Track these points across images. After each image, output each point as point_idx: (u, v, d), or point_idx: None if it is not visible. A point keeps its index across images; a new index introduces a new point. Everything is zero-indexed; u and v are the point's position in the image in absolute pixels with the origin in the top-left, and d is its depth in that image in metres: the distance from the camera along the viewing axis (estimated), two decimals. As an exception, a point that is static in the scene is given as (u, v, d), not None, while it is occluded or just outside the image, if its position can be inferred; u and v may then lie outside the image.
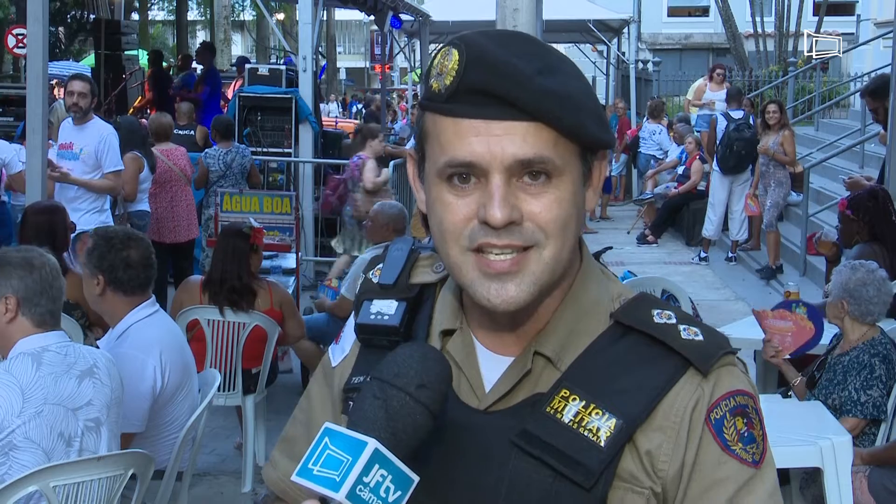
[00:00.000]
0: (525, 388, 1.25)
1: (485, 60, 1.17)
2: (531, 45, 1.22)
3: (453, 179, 1.21)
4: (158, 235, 8.11)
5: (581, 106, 1.20)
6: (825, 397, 4.35)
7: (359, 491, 1.08)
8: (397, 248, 1.41)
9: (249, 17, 39.40)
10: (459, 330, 1.31)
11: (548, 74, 1.18)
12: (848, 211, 5.54)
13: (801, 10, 21.60)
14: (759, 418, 1.25)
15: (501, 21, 4.43)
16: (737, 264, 11.58)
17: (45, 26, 6.19)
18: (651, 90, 18.46)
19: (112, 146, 7.05)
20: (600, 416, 1.20)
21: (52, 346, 3.09)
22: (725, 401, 1.22)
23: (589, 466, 1.19)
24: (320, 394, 1.44)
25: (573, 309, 1.27)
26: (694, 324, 1.26)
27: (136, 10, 27.68)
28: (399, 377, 1.15)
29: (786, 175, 10.62)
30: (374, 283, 1.39)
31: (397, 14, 16.48)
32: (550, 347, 1.25)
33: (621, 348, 1.24)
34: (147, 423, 3.75)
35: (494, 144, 1.17)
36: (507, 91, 1.16)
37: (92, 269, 3.79)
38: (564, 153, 1.20)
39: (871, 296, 4.40)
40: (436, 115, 1.22)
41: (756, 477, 1.22)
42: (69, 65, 23.45)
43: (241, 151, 9.06)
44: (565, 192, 1.21)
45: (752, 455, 1.22)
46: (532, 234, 1.20)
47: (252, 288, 5.41)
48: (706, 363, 1.22)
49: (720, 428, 1.21)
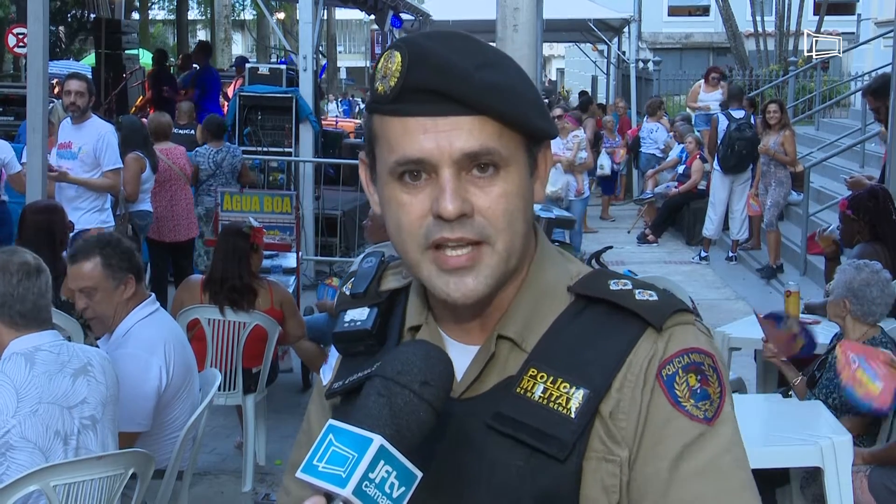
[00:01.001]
0: (495, 374, 1.28)
1: (426, 60, 1.21)
2: (469, 42, 1.25)
3: (405, 177, 1.24)
4: (159, 234, 8.12)
5: (522, 97, 1.24)
6: (825, 397, 4.35)
7: (364, 487, 1.09)
8: (367, 261, 1.47)
9: (250, 17, 39.39)
10: (425, 325, 1.34)
11: (488, 69, 1.22)
12: (849, 211, 5.54)
13: (801, 9, 21.58)
14: (718, 377, 1.25)
15: (502, 20, 4.43)
16: (737, 264, 11.58)
17: (45, 25, 6.20)
18: (651, 89, 18.45)
19: (110, 144, 7.03)
20: (568, 389, 1.23)
21: (44, 346, 3.09)
22: (679, 357, 1.24)
23: (562, 439, 1.21)
24: (318, 415, 1.48)
25: (532, 291, 1.31)
26: (650, 288, 1.29)
27: (136, 9, 27.68)
28: (403, 374, 1.16)
29: (786, 174, 10.61)
30: (347, 295, 1.44)
31: (398, 13, 16.49)
32: (513, 329, 1.28)
33: (583, 321, 1.28)
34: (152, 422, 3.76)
35: (442, 139, 1.21)
36: (449, 88, 1.20)
37: (120, 274, 3.75)
38: (510, 144, 1.24)
39: (875, 296, 4.40)
40: (383, 117, 1.25)
41: (708, 433, 1.22)
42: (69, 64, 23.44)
43: (231, 151, 9.06)
44: (512, 184, 1.24)
45: (703, 412, 1.22)
46: (483, 228, 1.23)
47: (253, 287, 5.41)
48: (660, 319, 1.24)
49: (671, 384, 1.22)
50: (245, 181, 9.24)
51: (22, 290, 3.07)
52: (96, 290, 3.73)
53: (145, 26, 28.52)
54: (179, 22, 26.84)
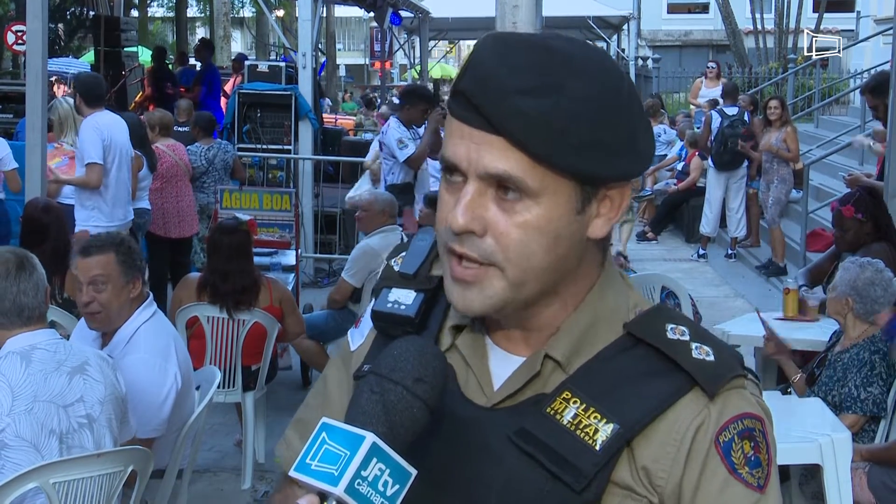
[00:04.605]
0: (531, 389, 1.25)
1: (477, 67, 1.17)
2: (538, 58, 1.17)
3: (447, 174, 1.23)
4: (165, 230, 8.08)
5: (564, 133, 1.15)
6: (825, 394, 4.35)
7: (357, 485, 1.08)
8: (421, 239, 1.41)
9: (249, 14, 39.39)
10: (470, 326, 1.30)
11: (535, 94, 1.14)
12: (859, 214, 5.50)
13: (800, 6, 21.56)
14: (767, 442, 1.24)
15: (501, 18, 4.42)
16: (736, 261, 11.58)
17: (44, 23, 6.19)
18: (651, 87, 18.46)
19: (84, 139, 6.86)
20: (598, 420, 1.19)
21: (41, 344, 3.09)
22: (734, 423, 1.21)
23: (581, 469, 1.18)
24: (337, 377, 1.43)
25: (587, 315, 1.26)
26: (707, 342, 1.24)
27: (135, 6, 27.68)
28: (396, 371, 1.15)
29: (789, 171, 10.61)
30: (395, 272, 1.38)
31: (397, 11, 16.48)
32: (560, 351, 1.25)
33: (629, 358, 1.23)
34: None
35: (473, 151, 1.18)
36: (480, 103, 1.16)
37: (131, 272, 3.75)
38: (545, 178, 1.17)
39: (878, 295, 4.40)
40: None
41: (761, 502, 1.21)
42: (69, 61, 23.41)
43: (223, 147, 9.05)
44: (538, 217, 1.18)
45: (757, 479, 1.21)
46: (490, 252, 1.19)
47: (258, 283, 5.41)
48: (714, 385, 1.20)
49: (728, 451, 1.20)
50: (237, 176, 9.24)
51: (2, 291, 3.07)
52: (107, 282, 3.71)
53: (144, 24, 28.52)
54: (178, 19, 26.82)
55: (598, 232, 1.23)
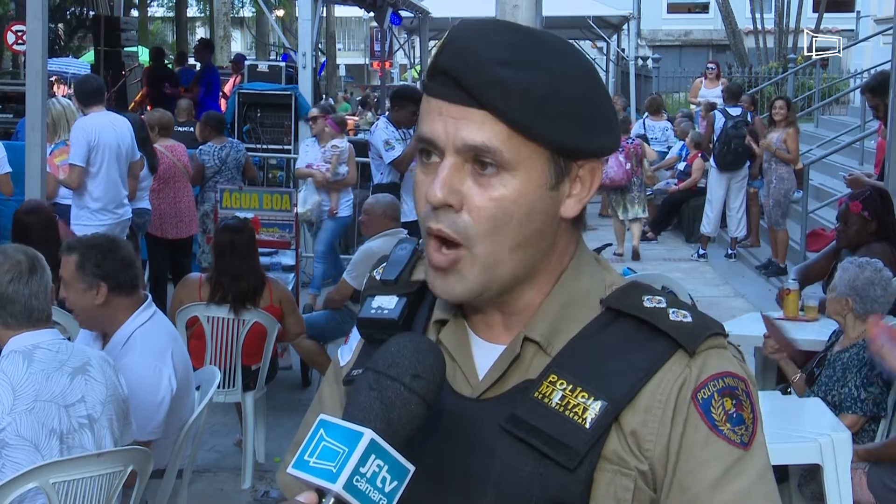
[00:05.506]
0: (516, 376, 1.27)
1: (455, 44, 1.21)
2: (515, 37, 1.21)
3: (423, 155, 1.25)
4: (161, 231, 8.09)
5: (545, 104, 1.19)
6: (825, 394, 4.35)
7: (355, 482, 1.08)
8: (401, 248, 1.44)
9: (249, 14, 39.38)
10: (453, 319, 1.32)
11: (514, 66, 1.18)
12: (866, 213, 5.50)
13: (800, 6, 21.56)
14: (751, 401, 1.25)
15: (501, 18, 4.43)
16: (736, 261, 11.59)
17: (44, 23, 6.20)
18: (651, 87, 18.46)
19: (71, 140, 6.87)
20: (586, 399, 1.21)
21: (43, 344, 3.09)
22: (713, 381, 1.22)
23: (573, 447, 1.20)
24: (331, 395, 1.45)
25: (563, 296, 1.29)
26: (684, 307, 1.27)
27: (135, 6, 27.66)
28: (393, 367, 1.15)
29: (788, 171, 10.58)
30: (377, 280, 1.42)
31: (397, 10, 16.49)
32: (539, 332, 1.27)
33: (610, 333, 1.26)
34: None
35: (450, 126, 1.21)
36: (460, 75, 1.19)
37: (91, 279, 3.65)
38: (521, 149, 1.20)
39: (878, 295, 4.40)
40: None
41: (745, 458, 1.21)
42: (69, 61, 23.45)
43: (234, 146, 9.05)
44: (512, 190, 1.21)
45: (740, 436, 1.22)
46: (465, 227, 1.22)
47: (264, 281, 5.42)
48: (693, 343, 1.22)
49: (708, 408, 1.21)
50: (249, 175, 9.23)
51: (12, 292, 3.07)
52: (69, 285, 3.71)
53: (144, 23, 28.50)
54: (178, 19, 26.80)
55: (570, 212, 1.27)
